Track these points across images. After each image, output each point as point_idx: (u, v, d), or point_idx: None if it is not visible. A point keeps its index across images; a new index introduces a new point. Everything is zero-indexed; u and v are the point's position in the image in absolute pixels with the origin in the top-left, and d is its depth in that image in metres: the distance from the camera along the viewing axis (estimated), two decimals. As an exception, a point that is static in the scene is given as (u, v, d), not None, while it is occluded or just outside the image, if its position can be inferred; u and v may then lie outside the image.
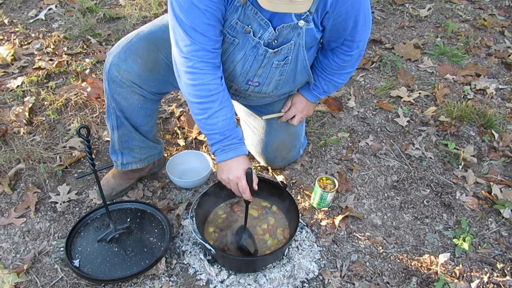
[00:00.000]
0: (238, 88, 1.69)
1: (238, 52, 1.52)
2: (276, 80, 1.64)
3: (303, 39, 1.49)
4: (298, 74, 1.66)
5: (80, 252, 1.65)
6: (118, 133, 1.76)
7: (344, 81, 1.80)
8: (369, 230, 1.89)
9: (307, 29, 1.46)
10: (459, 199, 2.03)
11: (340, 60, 1.66)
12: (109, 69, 1.61)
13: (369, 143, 2.31)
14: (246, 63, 1.55)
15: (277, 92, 1.73)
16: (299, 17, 1.42)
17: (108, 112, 1.72)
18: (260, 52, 1.50)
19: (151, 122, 1.83)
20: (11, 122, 2.32)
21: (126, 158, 1.84)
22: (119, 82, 1.61)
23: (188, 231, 1.81)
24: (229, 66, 1.58)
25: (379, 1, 3.65)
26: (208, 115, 1.46)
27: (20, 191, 2.00)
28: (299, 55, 1.56)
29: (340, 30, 1.51)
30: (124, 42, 1.62)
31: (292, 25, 1.43)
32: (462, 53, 3.01)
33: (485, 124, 2.41)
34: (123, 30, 3.13)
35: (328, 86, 1.80)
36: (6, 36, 3.03)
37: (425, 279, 1.70)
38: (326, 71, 1.73)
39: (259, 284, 1.63)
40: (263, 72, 1.59)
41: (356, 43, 1.59)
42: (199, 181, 2.00)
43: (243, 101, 1.86)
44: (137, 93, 1.64)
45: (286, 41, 1.49)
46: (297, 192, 2.03)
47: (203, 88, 1.43)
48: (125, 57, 1.59)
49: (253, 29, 1.45)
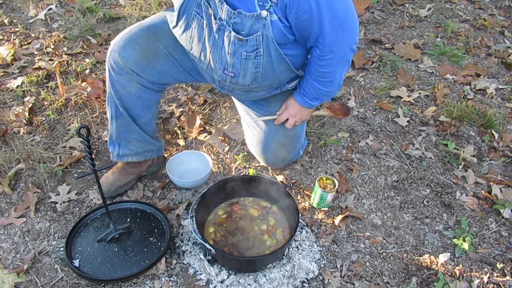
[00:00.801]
0: (219, 79, 1.69)
1: (208, 37, 1.55)
2: (252, 72, 1.59)
3: (270, 31, 1.45)
4: (276, 66, 1.59)
5: (80, 252, 1.65)
6: (116, 123, 1.80)
7: (330, 90, 1.69)
8: (369, 230, 1.89)
9: (272, 21, 1.43)
10: (459, 199, 2.03)
11: (317, 65, 1.58)
12: (109, 56, 1.69)
13: (369, 143, 2.31)
14: (217, 48, 1.55)
15: (259, 85, 1.67)
16: (262, 7, 1.41)
17: (108, 100, 1.78)
18: (226, 34, 1.49)
19: (150, 115, 1.84)
20: (11, 122, 2.32)
21: (122, 149, 1.87)
22: (117, 69, 1.68)
23: (188, 231, 1.81)
24: (206, 54, 1.60)
25: (379, 1, 3.65)
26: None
27: (20, 191, 2.00)
28: (271, 48, 1.50)
29: (308, 29, 1.45)
30: (126, 31, 1.71)
31: (255, 15, 1.42)
32: (462, 53, 3.01)
33: (485, 124, 2.41)
34: (123, 30, 3.12)
35: (315, 93, 1.71)
36: (6, 36, 3.03)
37: (425, 279, 1.70)
38: (310, 75, 1.66)
39: (259, 284, 1.63)
40: (235, 62, 1.56)
41: (327, 47, 1.50)
42: (199, 181, 2.00)
43: (233, 95, 1.89)
44: (135, 80, 1.70)
45: (253, 31, 1.47)
46: (297, 192, 2.03)
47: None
48: (124, 45, 1.66)
49: (213, 10, 1.48)
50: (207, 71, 1.69)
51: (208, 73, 1.70)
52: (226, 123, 2.40)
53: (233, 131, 2.32)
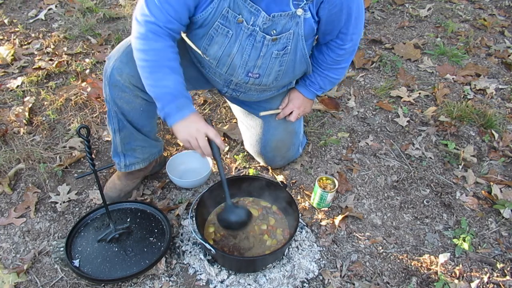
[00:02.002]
0: (239, 82, 1.68)
1: (233, 45, 1.52)
2: (276, 71, 1.63)
3: (302, 28, 1.50)
4: (297, 64, 1.66)
5: (80, 252, 1.65)
6: (120, 136, 1.74)
7: (340, 77, 1.81)
8: (369, 230, 1.89)
9: (305, 18, 1.47)
10: (459, 199, 2.03)
11: (334, 54, 1.68)
12: (110, 74, 1.58)
13: (369, 143, 2.31)
14: (244, 54, 1.54)
15: (277, 84, 1.73)
16: (297, 6, 1.43)
17: (109, 116, 1.70)
18: (257, 39, 1.50)
19: (153, 123, 1.83)
20: (11, 122, 2.32)
21: (129, 159, 1.83)
22: (121, 87, 1.58)
23: (188, 231, 1.81)
24: (227, 60, 1.57)
25: (379, 1, 3.65)
26: (160, 76, 1.42)
27: (20, 191, 2.00)
28: (298, 45, 1.56)
29: (336, 22, 1.53)
30: (124, 46, 1.60)
31: (290, 13, 1.44)
32: (462, 53, 3.01)
33: (485, 124, 2.41)
34: (123, 30, 3.13)
35: (324, 82, 1.80)
36: (6, 36, 3.03)
37: (425, 279, 1.70)
38: (322, 67, 1.74)
39: (259, 284, 1.63)
40: (263, 63, 1.58)
41: (349, 36, 1.60)
42: (199, 181, 2.00)
43: (243, 96, 1.83)
44: (139, 96, 1.63)
45: (285, 30, 1.49)
46: (297, 192, 2.03)
47: (154, 53, 1.41)
48: (127, 60, 1.56)
49: (244, 18, 1.45)
50: (224, 75, 1.66)
51: (224, 77, 1.67)
52: (226, 123, 2.40)
53: (233, 131, 2.32)
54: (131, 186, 1.95)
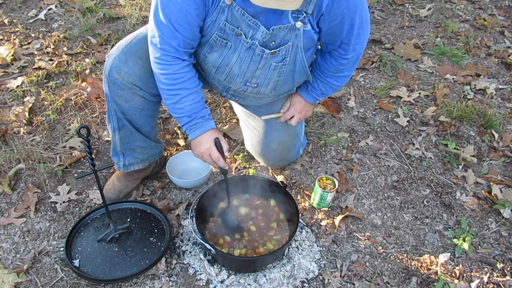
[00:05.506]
0: (237, 89, 1.69)
1: (232, 55, 1.52)
2: (274, 81, 1.64)
3: (301, 40, 1.49)
4: (296, 74, 1.66)
5: (80, 252, 1.65)
6: (119, 135, 1.75)
7: (342, 84, 1.79)
8: (369, 230, 1.89)
9: (305, 30, 1.45)
10: (459, 199, 2.03)
11: (337, 63, 1.65)
12: (109, 72, 1.60)
13: (369, 143, 2.31)
14: (242, 65, 1.55)
15: (275, 92, 1.73)
16: (296, 19, 1.41)
17: (109, 114, 1.71)
18: (256, 53, 1.50)
19: (152, 123, 1.83)
20: (11, 122, 2.32)
21: (128, 159, 1.84)
22: (120, 85, 1.60)
23: (188, 231, 1.81)
24: (225, 68, 1.58)
25: (379, 1, 3.65)
26: (175, 101, 1.54)
27: (20, 191, 2.00)
28: (297, 56, 1.56)
29: (336, 33, 1.51)
30: (123, 44, 1.61)
31: (289, 26, 1.43)
32: (462, 53, 3.01)
33: (485, 124, 2.41)
34: (123, 30, 3.13)
35: (326, 88, 1.78)
36: (6, 36, 3.03)
37: (425, 279, 1.70)
38: (324, 73, 1.72)
39: (259, 284, 1.63)
40: (261, 73, 1.59)
41: (352, 46, 1.57)
42: (199, 181, 2.00)
43: (241, 101, 1.85)
44: (138, 94, 1.64)
45: (284, 42, 1.48)
46: (297, 192, 2.03)
47: (169, 77, 1.50)
48: (126, 59, 1.58)
49: (243, 31, 1.44)
50: (223, 82, 1.66)
51: (223, 83, 1.68)
52: (226, 123, 2.40)
53: (233, 131, 2.32)
54: (131, 187, 1.95)
